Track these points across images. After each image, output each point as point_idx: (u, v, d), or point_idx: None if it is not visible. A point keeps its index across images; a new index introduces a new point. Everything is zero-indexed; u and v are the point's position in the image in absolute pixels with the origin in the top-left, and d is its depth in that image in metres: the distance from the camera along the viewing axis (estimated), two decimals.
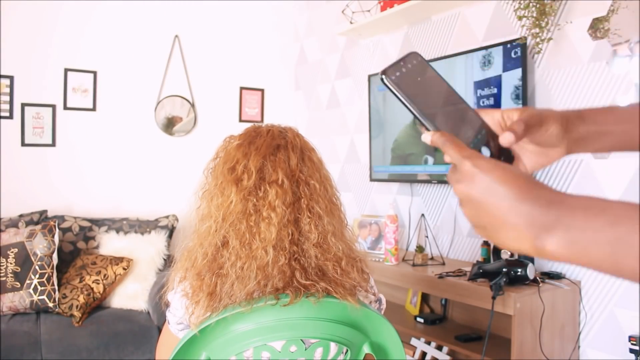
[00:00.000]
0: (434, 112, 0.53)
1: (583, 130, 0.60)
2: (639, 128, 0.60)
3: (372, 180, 3.11)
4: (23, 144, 3.07)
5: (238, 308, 0.96)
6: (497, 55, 2.28)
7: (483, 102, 2.34)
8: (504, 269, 1.92)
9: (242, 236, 1.01)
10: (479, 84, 2.36)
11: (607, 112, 0.62)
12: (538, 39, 2.08)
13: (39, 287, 2.55)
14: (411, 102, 0.52)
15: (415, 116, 0.53)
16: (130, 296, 2.74)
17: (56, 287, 2.60)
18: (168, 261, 2.90)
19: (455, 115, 0.55)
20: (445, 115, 0.54)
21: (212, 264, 1.02)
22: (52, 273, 2.60)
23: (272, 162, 1.06)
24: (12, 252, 2.58)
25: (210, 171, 1.11)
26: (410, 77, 0.54)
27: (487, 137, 0.55)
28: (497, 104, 2.28)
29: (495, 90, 2.28)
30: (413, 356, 2.40)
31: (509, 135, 0.53)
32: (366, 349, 1.09)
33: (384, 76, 0.52)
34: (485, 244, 2.33)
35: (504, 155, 0.55)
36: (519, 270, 1.92)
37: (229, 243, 1.02)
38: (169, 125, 3.47)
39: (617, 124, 0.61)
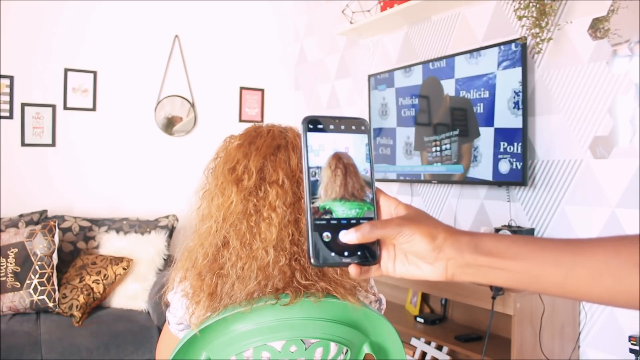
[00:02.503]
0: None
1: (470, 259, 0.55)
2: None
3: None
4: (23, 144, 3.07)
5: (238, 308, 0.96)
6: (497, 54, 2.27)
7: (477, 108, 2.34)
8: None
9: (243, 236, 1.01)
10: (476, 85, 2.36)
11: (507, 245, 0.56)
12: (538, 39, 2.08)
13: (39, 287, 2.55)
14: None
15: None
16: (130, 296, 2.74)
17: (56, 287, 2.60)
18: (168, 261, 2.90)
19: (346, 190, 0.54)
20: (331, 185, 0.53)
21: (212, 264, 1.02)
22: (52, 273, 2.60)
23: (273, 162, 1.06)
24: (12, 252, 2.58)
25: (211, 171, 1.11)
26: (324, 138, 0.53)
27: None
28: (492, 105, 2.28)
29: (490, 91, 2.28)
30: (413, 356, 2.40)
31: (350, 232, 0.53)
32: (366, 349, 1.09)
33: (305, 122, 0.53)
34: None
35: (361, 249, 0.53)
36: None
37: (229, 243, 1.02)
38: (169, 125, 3.47)
39: (515, 259, 0.55)
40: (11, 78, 3.02)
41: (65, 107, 3.17)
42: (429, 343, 2.38)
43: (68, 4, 3.16)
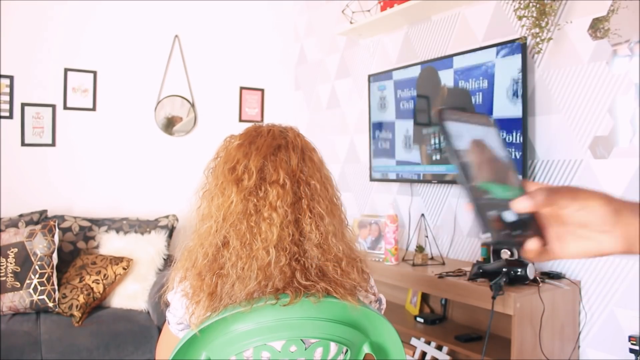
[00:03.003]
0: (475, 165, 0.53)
1: None
2: None
3: (372, 180, 3.10)
4: (23, 144, 3.07)
5: (238, 308, 0.96)
6: (496, 54, 2.28)
7: (476, 98, 2.34)
8: (504, 269, 1.92)
9: (243, 236, 1.01)
10: (474, 75, 2.36)
11: None
12: (538, 39, 2.08)
13: (39, 287, 2.55)
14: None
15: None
16: (130, 296, 2.74)
17: (56, 287, 2.60)
18: (168, 261, 2.90)
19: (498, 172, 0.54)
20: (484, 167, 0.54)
21: (212, 264, 1.02)
22: (52, 273, 2.60)
23: (273, 162, 1.06)
24: (12, 252, 2.58)
25: (211, 171, 1.11)
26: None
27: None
28: (489, 101, 2.28)
29: (488, 88, 2.28)
30: (413, 356, 2.40)
31: (522, 200, 0.51)
32: (366, 349, 1.09)
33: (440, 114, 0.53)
34: (485, 243, 2.33)
35: (530, 230, 0.52)
36: (519, 270, 1.92)
37: (229, 243, 1.02)
38: (169, 125, 3.47)
39: None
40: (11, 78, 3.02)
41: (65, 107, 3.17)
42: (429, 343, 2.38)
43: (68, 4, 3.16)
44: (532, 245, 0.53)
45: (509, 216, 0.52)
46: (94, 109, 3.26)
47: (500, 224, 0.51)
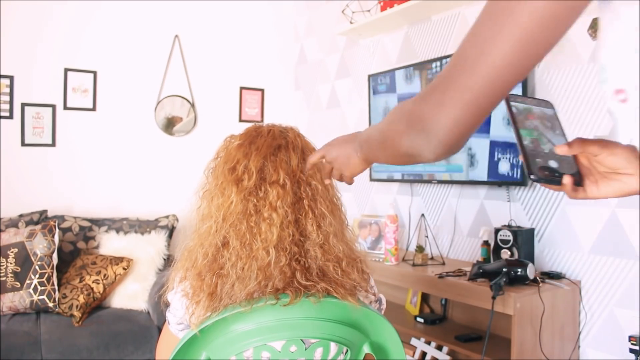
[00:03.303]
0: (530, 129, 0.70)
1: None
2: None
3: (372, 180, 3.10)
4: (23, 144, 3.07)
5: (238, 308, 0.96)
6: None
7: None
8: (504, 269, 1.92)
9: (243, 236, 1.01)
10: None
11: None
12: None
13: (39, 287, 2.55)
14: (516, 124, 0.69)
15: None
16: (130, 296, 2.74)
17: (56, 287, 2.60)
18: (168, 261, 2.91)
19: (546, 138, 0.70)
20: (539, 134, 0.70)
21: (212, 264, 1.02)
22: (52, 273, 2.60)
23: (273, 162, 1.06)
24: (12, 252, 2.58)
25: (211, 171, 1.11)
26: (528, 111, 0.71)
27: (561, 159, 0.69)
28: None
29: None
30: (413, 356, 2.40)
31: (563, 146, 0.66)
32: (366, 349, 1.09)
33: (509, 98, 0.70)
34: (485, 244, 2.34)
35: (573, 174, 0.67)
36: (519, 270, 1.92)
37: (229, 243, 1.02)
38: (169, 125, 3.47)
39: None
40: (11, 78, 3.02)
41: (65, 107, 3.17)
42: (429, 343, 2.38)
43: (68, 4, 3.16)
44: (568, 180, 0.66)
45: (552, 163, 0.67)
46: (94, 109, 3.26)
47: (544, 169, 0.66)
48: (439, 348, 2.34)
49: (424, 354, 2.39)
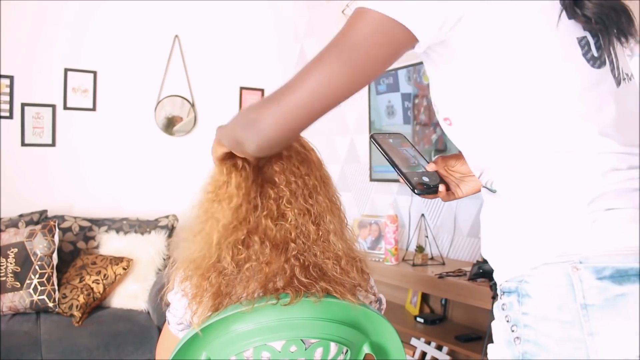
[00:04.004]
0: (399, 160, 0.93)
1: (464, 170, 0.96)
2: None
3: (372, 180, 3.10)
4: (23, 144, 3.06)
5: (239, 307, 0.96)
6: None
7: None
8: None
9: (238, 235, 1.01)
10: None
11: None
12: None
13: (39, 287, 2.55)
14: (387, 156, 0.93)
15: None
16: (130, 296, 2.74)
17: (56, 287, 2.60)
18: (168, 261, 2.90)
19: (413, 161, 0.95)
20: (404, 159, 0.94)
21: (215, 264, 1.02)
22: (52, 273, 2.60)
23: (273, 162, 1.06)
24: (12, 252, 2.58)
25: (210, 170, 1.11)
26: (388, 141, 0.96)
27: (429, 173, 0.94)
28: None
29: None
30: (413, 356, 2.40)
31: (431, 164, 0.94)
32: (366, 349, 1.09)
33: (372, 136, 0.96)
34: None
35: (439, 182, 0.93)
36: None
37: (229, 242, 1.02)
38: (169, 125, 3.47)
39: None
40: (11, 78, 3.02)
41: (65, 107, 3.17)
42: (429, 343, 2.38)
43: (68, 4, 3.16)
44: (444, 188, 0.92)
45: (425, 179, 0.91)
46: (94, 109, 3.26)
47: (421, 185, 0.90)
48: (439, 348, 2.34)
49: (424, 354, 2.39)
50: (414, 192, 0.89)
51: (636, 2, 1.88)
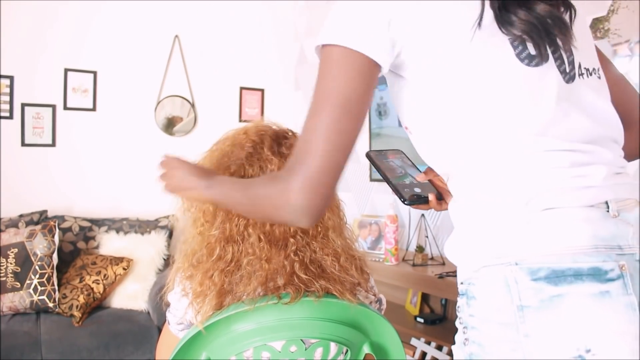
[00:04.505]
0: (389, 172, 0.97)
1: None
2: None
3: (372, 180, 3.11)
4: (23, 144, 3.06)
5: (241, 307, 0.96)
6: None
7: None
8: None
9: (242, 233, 1.02)
10: None
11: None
12: None
13: (39, 287, 2.55)
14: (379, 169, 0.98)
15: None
16: (130, 296, 2.74)
17: (56, 287, 2.60)
18: (168, 261, 2.90)
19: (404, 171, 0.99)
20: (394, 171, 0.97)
21: (216, 263, 1.02)
22: (52, 273, 2.60)
23: (271, 161, 1.07)
24: (12, 252, 2.58)
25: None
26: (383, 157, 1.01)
27: (420, 183, 0.98)
28: None
29: None
30: (413, 356, 2.40)
31: (421, 175, 0.98)
32: (366, 349, 1.09)
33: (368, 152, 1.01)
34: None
35: (431, 192, 0.95)
36: None
37: (229, 241, 1.02)
38: (169, 125, 3.47)
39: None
40: (11, 78, 3.02)
41: (65, 107, 3.17)
42: (429, 343, 2.38)
43: (68, 4, 3.15)
44: (433, 197, 0.94)
45: (417, 190, 0.94)
46: (94, 109, 3.26)
47: (412, 195, 0.93)
48: (439, 348, 2.34)
49: (424, 354, 2.39)
50: (404, 203, 0.91)
51: (636, 2, 1.89)
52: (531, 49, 0.74)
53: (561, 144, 0.73)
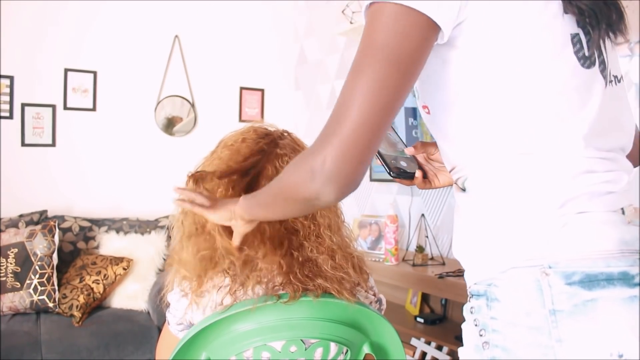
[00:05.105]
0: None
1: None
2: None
3: (372, 180, 3.10)
4: (23, 144, 3.06)
5: (241, 307, 0.96)
6: None
7: None
8: None
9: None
10: None
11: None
12: None
13: (39, 287, 2.55)
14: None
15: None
16: (130, 296, 2.74)
17: (56, 287, 2.60)
18: (168, 261, 2.90)
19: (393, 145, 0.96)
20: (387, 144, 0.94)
21: (217, 261, 1.02)
22: (52, 273, 2.60)
23: (268, 159, 1.08)
24: (12, 252, 2.58)
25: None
26: None
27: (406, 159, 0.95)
28: None
29: None
30: (413, 356, 2.40)
31: (410, 148, 0.95)
32: (366, 349, 1.09)
33: None
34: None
35: (416, 168, 0.93)
36: None
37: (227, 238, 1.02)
38: (169, 125, 3.47)
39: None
40: (11, 78, 3.02)
41: (65, 107, 3.17)
42: (429, 343, 2.38)
43: (68, 5, 3.15)
44: (419, 174, 0.92)
45: (402, 163, 0.92)
46: (94, 109, 3.26)
47: (397, 168, 0.91)
48: (439, 348, 2.34)
49: (424, 354, 2.39)
50: (390, 175, 0.88)
51: (636, 2, 1.89)
52: (585, 49, 0.74)
53: (597, 150, 0.73)
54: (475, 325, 0.75)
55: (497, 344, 0.72)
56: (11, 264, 2.56)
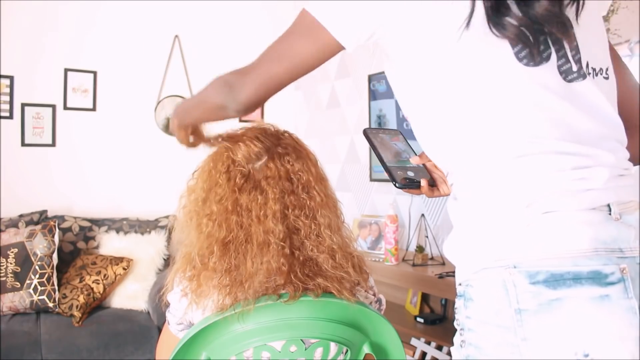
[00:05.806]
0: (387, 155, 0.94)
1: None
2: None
3: (372, 180, 3.10)
4: (23, 144, 3.06)
5: (240, 307, 0.96)
6: None
7: None
8: None
9: (238, 232, 1.02)
10: None
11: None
12: None
13: (39, 287, 2.55)
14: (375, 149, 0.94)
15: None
16: (130, 296, 2.74)
17: (56, 287, 2.60)
18: (168, 261, 2.90)
19: (398, 155, 0.95)
20: (393, 153, 0.94)
21: (215, 264, 1.02)
22: (52, 273, 2.60)
23: (269, 157, 1.08)
24: (12, 252, 2.58)
25: (199, 171, 1.14)
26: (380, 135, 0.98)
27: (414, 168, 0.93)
28: None
29: None
30: (413, 356, 2.40)
31: (415, 157, 0.94)
32: (366, 349, 1.09)
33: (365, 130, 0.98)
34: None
35: (424, 177, 0.91)
36: None
37: (225, 240, 1.02)
38: (169, 125, 3.47)
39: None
40: (11, 78, 3.02)
41: (65, 107, 3.17)
42: (429, 343, 2.38)
43: (68, 4, 3.15)
44: (425, 183, 0.89)
45: (410, 173, 0.90)
46: (94, 109, 3.26)
47: (405, 179, 0.89)
48: (439, 348, 2.34)
49: (424, 354, 2.39)
50: (395, 186, 0.89)
51: (636, 2, 1.89)
52: (531, 47, 0.73)
53: (562, 145, 0.72)
54: (457, 324, 0.78)
55: (471, 342, 0.74)
56: (11, 264, 2.56)
